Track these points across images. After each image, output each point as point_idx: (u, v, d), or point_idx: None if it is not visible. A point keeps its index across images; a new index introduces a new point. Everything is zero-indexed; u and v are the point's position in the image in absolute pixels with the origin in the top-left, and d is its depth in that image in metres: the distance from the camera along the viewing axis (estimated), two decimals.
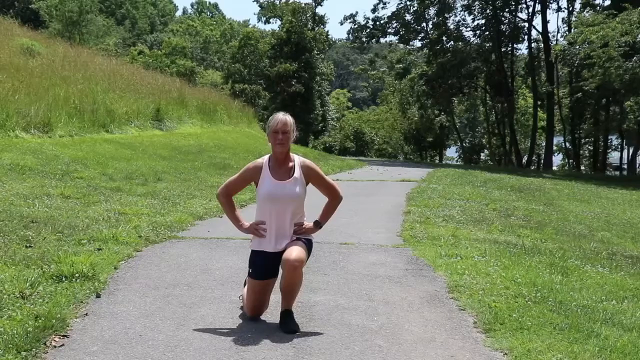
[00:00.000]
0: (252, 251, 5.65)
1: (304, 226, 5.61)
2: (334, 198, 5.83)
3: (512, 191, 19.17)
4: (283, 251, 5.45)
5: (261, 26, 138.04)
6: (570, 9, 52.38)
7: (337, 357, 4.84)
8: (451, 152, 73.27)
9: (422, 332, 5.50)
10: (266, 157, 5.68)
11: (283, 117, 5.56)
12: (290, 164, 5.61)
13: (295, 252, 5.38)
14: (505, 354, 5.04)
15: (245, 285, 5.83)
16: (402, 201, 14.52)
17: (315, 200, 6.18)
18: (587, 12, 47.86)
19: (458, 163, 60.52)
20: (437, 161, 62.31)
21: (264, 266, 5.54)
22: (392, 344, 5.17)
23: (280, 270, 5.49)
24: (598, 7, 47.05)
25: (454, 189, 17.91)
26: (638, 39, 36.95)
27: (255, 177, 5.63)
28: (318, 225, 5.72)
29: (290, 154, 5.65)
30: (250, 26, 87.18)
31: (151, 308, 5.79)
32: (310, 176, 5.66)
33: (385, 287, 6.86)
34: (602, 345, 5.26)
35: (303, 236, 5.62)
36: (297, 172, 5.58)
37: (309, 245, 5.64)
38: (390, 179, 20.72)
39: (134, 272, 6.97)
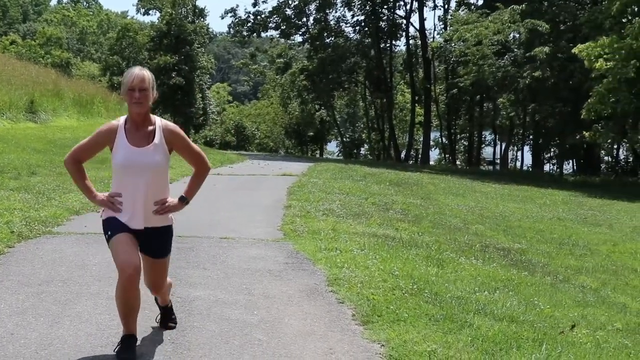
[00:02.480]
0: (104, 220, 4.86)
1: (167, 203, 4.84)
2: (201, 168, 5.04)
3: (390, 185, 19.52)
4: (141, 230, 4.79)
5: (140, 18, 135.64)
6: (446, 7, 53.72)
7: (216, 352, 4.83)
8: (332, 147, 73.90)
9: (301, 325, 5.54)
10: (122, 118, 4.85)
11: (140, 72, 4.74)
12: (150, 127, 4.80)
13: (154, 283, 5.08)
14: (383, 345, 5.14)
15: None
16: (283, 195, 14.56)
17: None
18: (462, 10, 49.21)
19: (338, 157, 61.16)
20: (317, 155, 62.64)
21: (121, 225, 4.74)
22: (272, 337, 5.19)
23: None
24: (472, 6, 48.41)
25: (334, 183, 18.08)
26: (509, 38, 38.40)
27: (109, 142, 4.77)
28: (184, 200, 4.95)
29: (151, 115, 4.86)
30: (129, 17, 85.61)
31: (24, 305, 5.61)
32: (174, 142, 4.85)
33: (265, 281, 6.87)
34: (474, 335, 5.44)
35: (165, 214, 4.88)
36: (158, 138, 4.77)
37: (169, 244, 5.05)
38: (272, 174, 20.73)
39: (5, 269, 6.74)
